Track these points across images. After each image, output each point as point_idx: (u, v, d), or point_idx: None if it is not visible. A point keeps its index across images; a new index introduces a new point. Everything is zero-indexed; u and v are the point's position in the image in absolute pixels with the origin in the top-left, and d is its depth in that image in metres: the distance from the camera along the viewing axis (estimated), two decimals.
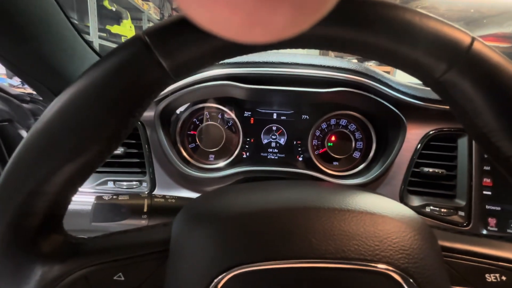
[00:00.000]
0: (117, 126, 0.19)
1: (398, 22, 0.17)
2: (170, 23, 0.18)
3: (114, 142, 0.20)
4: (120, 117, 0.19)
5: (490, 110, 0.18)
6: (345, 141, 0.56)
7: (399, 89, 0.48)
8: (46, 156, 0.18)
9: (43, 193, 0.19)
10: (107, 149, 0.19)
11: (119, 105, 0.19)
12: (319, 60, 0.48)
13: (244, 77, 0.48)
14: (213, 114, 0.57)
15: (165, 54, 0.18)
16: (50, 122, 0.18)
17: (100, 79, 0.18)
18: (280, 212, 0.20)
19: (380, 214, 0.21)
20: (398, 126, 0.49)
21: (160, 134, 0.50)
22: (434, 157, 0.52)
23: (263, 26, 0.08)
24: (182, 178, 0.53)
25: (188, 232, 0.21)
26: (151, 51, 0.18)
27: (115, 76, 0.18)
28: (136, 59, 0.18)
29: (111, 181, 0.51)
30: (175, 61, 0.18)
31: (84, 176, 0.20)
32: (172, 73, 0.19)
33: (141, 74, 0.19)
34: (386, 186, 0.53)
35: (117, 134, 0.19)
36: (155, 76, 0.19)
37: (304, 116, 0.59)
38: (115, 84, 0.18)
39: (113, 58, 0.19)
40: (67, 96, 0.18)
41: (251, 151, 0.60)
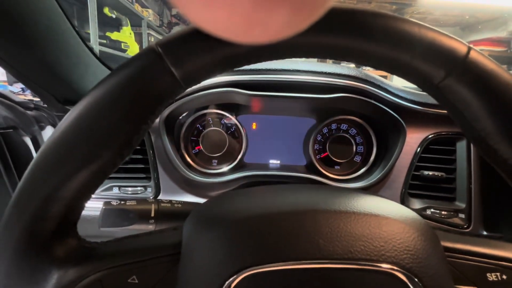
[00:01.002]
0: (130, 133, 0.20)
1: (399, 32, 0.19)
2: (181, 34, 0.20)
3: (127, 148, 0.20)
4: (133, 125, 0.20)
5: (487, 114, 0.19)
6: (346, 146, 0.57)
7: (398, 94, 0.50)
8: (62, 163, 0.19)
9: (59, 199, 0.20)
10: (120, 156, 0.20)
11: (133, 113, 0.20)
12: (320, 66, 0.50)
13: (246, 84, 0.49)
14: (216, 119, 0.58)
15: (176, 64, 0.19)
16: (67, 130, 0.19)
17: (114, 88, 0.19)
18: (288, 214, 0.21)
19: (385, 216, 0.21)
20: (398, 130, 0.50)
21: (165, 140, 0.50)
22: (434, 160, 0.53)
23: (262, 26, 0.08)
24: (186, 183, 0.54)
25: (198, 235, 0.22)
26: (163, 60, 0.19)
27: (129, 85, 0.19)
28: (149, 69, 0.19)
29: (116, 187, 0.52)
30: (186, 70, 0.19)
31: (97, 182, 0.21)
32: (183, 82, 0.20)
33: (154, 83, 0.20)
34: (387, 190, 0.53)
35: (130, 141, 0.20)
36: (167, 84, 0.20)
37: (306, 121, 0.60)
38: (129, 93, 0.19)
39: (127, 68, 0.20)
40: (83, 106, 0.19)
41: (253, 156, 0.61)
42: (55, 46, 0.51)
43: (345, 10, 0.18)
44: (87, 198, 0.21)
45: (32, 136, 0.69)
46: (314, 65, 0.51)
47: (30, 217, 0.19)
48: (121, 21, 2.34)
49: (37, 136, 0.71)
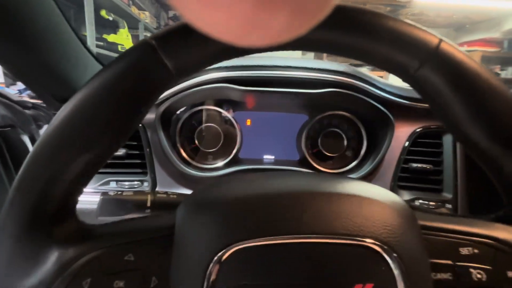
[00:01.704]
0: (125, 120, 0.21)
1: (375, 25, 0.21)
2: (174, 28, 0.21)
3: (123, 135, 0.22)
4: (128, 113, 0.21)
5: (457, 101, 0.21)
6: (338, 140, 0.59)
7: (386, 89, 0.52)
8: (62, 148, 0.21)
9: (59, 182, 0.21)
10: (116, 143, 0.22)
11: (128, 101, 0.21)
12: (311, 63, 0.52)
13: (240, 80, 0.51)
14: (211, 115, 0.59)
15: (169, 56, 0.20)
16: (66, 118, 0.21)
17: (111, 78, 0.21)
18: (276, 195, 0.23)
19: (366, 196, 0.23)
20: (387, 124, 0.52)
21: (161, 136, 0.52)
22: (422, 153, 0.54)
23: (261, 30, 0.08)
24: (182, 178, 0.55)
25: (191, 216, 0.24)
26: (156, 53, 0.20)
27: (124, 75, 0.21)
28: (143, 60, 0.21)
29: (114, 181, 0.53)
30: (178, 62, 0.21)
31: (96, 167, 0.22)
32: (176, 73, 0.22)
33: (148, 74, 0.21)
34: (377, 182, 0.55)
35: (125, 128, 0.22)
36: (160, 76, 0.21)
37: (299, 118, 0.62)
38: (124, 82, 0.21)
39: (123, 60, 0.21)
40: (82, 95, 0.21)
41: (248, 152, 0.63)
42: (54, 46, 0.53)
43: None
44: (86, 182, 0.23)
45: (30, 135, 0.70)
46: (305, 61, 0.52)
47: (32, 199, 0.21)
48: (118, 23, 2.35)
49: (34, 135, 0.72)
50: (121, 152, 0.52)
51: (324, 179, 0.26)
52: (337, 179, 0.26)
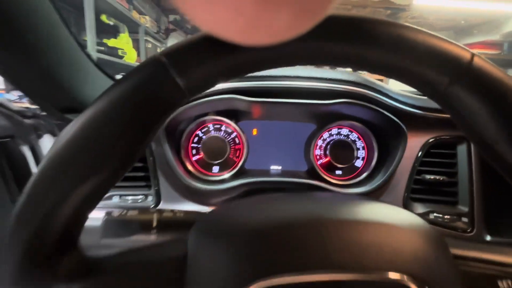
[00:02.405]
0: (134, 143, 0.20)
1: (402, 39, 0.19)
2: (185, 44, 0.20)
3: (131, 159, 0.20)
4: (137, 135, 0.20)
5: (493, 121, 0.19)
6: (347, 150, 0.57)
7: (398, 98, 0.50)
8: (64, 176, 0.19)
9: (61, 214, 0.19)
10: (123, 167, 0.20)
11: (137, 124, 0.19)
12: (320, 72, 0.50)
13: (247, 90, 0.50)
14: (216, 126, 0.58)
15: (180, 74, 0.19)
16: (68, 143, 0.19)
17: (118, 99, 0.19)
18: (296, 224, 0.21)
19: (393, 224, 0.21)
20: (399, 134, 0.50)
21: (166, 148, 0.50)
22: (435, 164, 0.53)
23: (265, 28, 0.08)
24: (187, 191, 0.53)
25: (204, 247, 0.22)
26: (167, 71, 0.19)
27: (133, 96, 0.19)
28: (153, 79, 0.19)
29: (117, 196, 0.51)
30: (190, 80, 0.19)
31: (101, 194, 0.20)
32: (188, 92, 0.20)
33: (158, 93, 0.19)
34: (389, 194, 0.53)
35: (134, 151, 0.20)
36: (171, 95, 0.20)
37: (306, 127, 0.60)
38: (133, 103, 0.19)
39: (131, 79, 0.20)
40: (86, 117, 0.19)
41: (254, 162, 0.61)
42: (54, 55, 0.51)
43: (348, 18, 0.19)
44: (90, 210, 0.21)
45: (30, 145, 0.69)
46: (314, 71, 0.51)
47: (32, 234, 0.19)
48: (119, 28, 2.35)
49: (34, 145, 0.70)
50: None
51: (347, 203, 0.24)
52: (360, 202, 0.24)
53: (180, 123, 0.55)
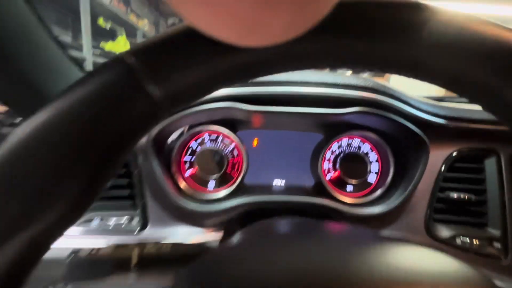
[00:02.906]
0: (86, 181, 0.14)
1: (471, 33, 0.13)
2: (161, 39, 0.14)
3: (82, 204, 0.14)
4: (90, 169, 0.14)
5: None
6: (359, 164, 0.51)
7: (420, 107, 0.44)
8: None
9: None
10: (72, 214, 0.14)
11: (89, 152, 0.14)
12: (331, 77, 0.44)
13: (246, 97, 0.43)
14: (212, 137, 0.51)
15: (153, 80, 0.14)
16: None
17: (64, 115, 0.13)
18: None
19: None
20: (420, 147, 0.44)
21: (153, 162, 0.44)
22: (461, 180, 0.46)
23: (262, 29, 0.08)
24: (179, 212, 0.47)
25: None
26: (134, 75, 0.14)
27: (87, 108, 0.14)
28: (114, 87, 0.14)
29: (98, 217, 0.45)
30: (167, 89, 0.14)
31: (47, 242, 0.14)
32: (164, 104, 0.15)
33: (122, 107, 0.14)
34: (409, 215, 0.47)
35: (88, 192, 0.14)
36: (141, 108, 0.14)
37: (313, 137, 0.54)
38: (84, 122, 0.14)
39: (87, 85, 0.14)
40: (16, 141, 0.13)
41: (255, 176, 0.55)
42: (24, 51, 0.45)
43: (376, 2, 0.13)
44: (37, 258, 0.15)
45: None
46: (323, 76, 0.44)
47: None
48: (116, 32, 2.30)
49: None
50: None
51: (386, 251, 0.18)
52: (411, 251, 0.18)
53: (170, 134, 0.48)
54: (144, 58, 0.14)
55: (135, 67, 0.14)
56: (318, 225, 0.32)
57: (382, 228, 0.47)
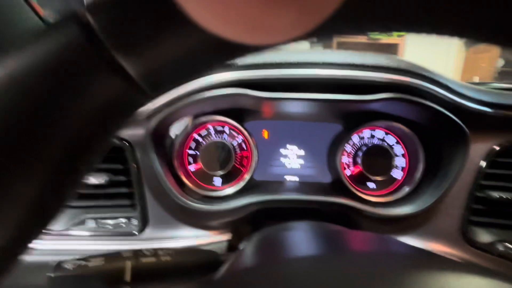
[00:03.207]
0: (47, 180, 0.11)
1: None
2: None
3: (51, 200, 0.11)
4: (47, 164, 0.10)
5: None
6: (383, 158, 0.45)
7: (461, 92, 0.37)
8: None
9: None
10: (41, 213, 0.11)
11: (43, 145, 0.10)
12: (351, 57, 0.37)
13: (255, 82, 0.37)
14: (218, 128, 0.46)
15: (122, 49, 0.10)
16: None
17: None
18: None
19: None
20: (458, 139, 0.38)
21: (153, 157, 0.39)
22: (503, 177, 0.40)
23: (269, 28, 0.08)
24: (182, 212, 0.42)
25: None
26: (94, 40, 0.10)
27: (26, 90, 0.10)
28: (67, 56, 0.10)
29: (92, 220, 0.41)
30: (141, 62, 0.11)
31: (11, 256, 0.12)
32: (146, 83, 0.11)
33: (79, 86, 0.10)
34: (442, 217, 0.41)
35: (54, 190, 0.11)
36: (106, 89, 0.11)
37: (331, 128, 0.48)
38: (31, 105, 0.10)
39: (25, 55, 0.10)
40: None
41: (265, 172, 0.50)
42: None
43: None
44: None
45: None
46: (343, 54, 0.38)
47: None
48: None
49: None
50: (102, 179, 0.40)
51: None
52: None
53: (171, 125, 0.43)
54: (108, 16, 0.10)
55: (95, 29, 0.09)
56: (342, 236, 0.26)
57: (411, 231, 0.42)
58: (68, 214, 0.41)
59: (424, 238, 0.42)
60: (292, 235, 0.27)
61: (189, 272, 0.28)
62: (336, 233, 0.28)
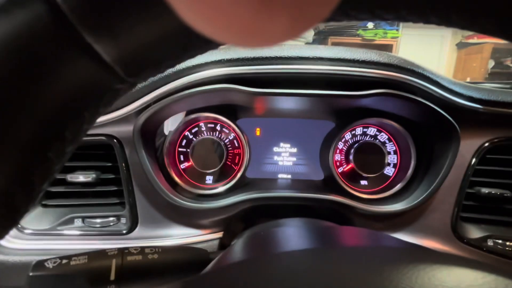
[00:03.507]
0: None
1: None
2: None
3: (18, 198, 0.11)
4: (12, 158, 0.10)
5: None
6: (375, 155, 0.45)
7: (452, 88, 0.37)
8: None
9: None
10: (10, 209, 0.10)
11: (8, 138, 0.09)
12: (345, 53, 0.37)
13: (247, 78, 0.37)
14: (210, 125, 0.45)
15: (93, 28, 0.09)
16: None
17: None
18: None
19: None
20: (449, 136, 0.38)
21: (142, 154, 0.38)
22: (493, 174, 0.41)
23: (263, 32, 0.08)
24: (172, 210, 0.42)
25: None
26: (64, 19, 0.09)
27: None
28: (34, 35, 0.09)
29: (79, 218, 0.40)
30: (123, 45, 0.10)
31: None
32: (121, 68, 0.11)
33: (47, 70, 0.10)
34: (433, 213, 0.41)
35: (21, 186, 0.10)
36: (82, 72, 0.10)
37: (323, 126, 0.48)
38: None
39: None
40: None
41: (258, 170, 0.49)
42: None
43: None
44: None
45: None
46: (336, 50, 0.38)
47: None
48: None
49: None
50: (89, 177, 0.39)
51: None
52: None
53: (161, 121, 0.42)
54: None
55: (62, 7, 0.09)
56: (334, 232, 0.26)
57: (402, 228, 0.42)
58: (54, 213, 0.40)
59: (415, 234, 0.42)
60: (283, 232, 0.27)
61: (177, 270, 0.28)
62: (326, 229, 0.27)
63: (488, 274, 0.14)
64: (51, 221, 0.39)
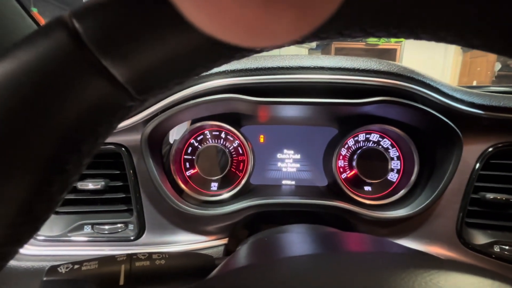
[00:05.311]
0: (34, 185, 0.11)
1: None
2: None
3: (39, 206, 0.12)
4: (35, 169, 0.11)
5: None
6: (378, 161, 0.46)
7: (453, 95, 0.38)
8: None
9: None
10: (31, 217, 0.11)
11: (31, 151, 0.10)
12: (347, 62, 0.38)
13: (251, 87, 0.38)
14: (215, 133, 0.47)
15: (109, 53, 0.10)
16: None
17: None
18: None
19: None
20: (451, 142, 0.38)
21: (149, 162, 0.39)
22: (497, 179, 0.40)
23: (268, 31, 0.08)
24: (178, 216, 0.42)
25: None
26: (80, 45, 0.10)
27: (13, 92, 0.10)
28: (54, 60, 0.10)
29: (88, 225, 0.41)
30: (129, 66, 0.11)
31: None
32: (133, 87, 0.12)
33: (66, 90, 0.11)
34: (438, 219, 0.41)
35: (43, 194, 0.11)
36: (97, 91, 0.11)
37: (325, 131, 0.49)
38: (17, 109, 0.10)
39: (13, 59, 0.10)
40: None
41: (262, 177, 0.50)
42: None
43: None
44: None
45: None
46: (337, 60, 0.39)
47: None
48: None
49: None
50: (99, 184, 0.40)
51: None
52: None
53: (167, 130, 0.44)
54: (92, 21, 0.10)
55: (80, 34, 0.10)
56: (338, 238, 0.27)
57: (407, 234, 0.42)
58: (64, 220, 0.41)
59: (420, 240, 0.42)
60: (287, 237, 0.27)
61: (183, 275, 0.28)
62: (330, 235, 0.28)
63: (485, 279, 0.14)
64: (62, 227, 0.40)
